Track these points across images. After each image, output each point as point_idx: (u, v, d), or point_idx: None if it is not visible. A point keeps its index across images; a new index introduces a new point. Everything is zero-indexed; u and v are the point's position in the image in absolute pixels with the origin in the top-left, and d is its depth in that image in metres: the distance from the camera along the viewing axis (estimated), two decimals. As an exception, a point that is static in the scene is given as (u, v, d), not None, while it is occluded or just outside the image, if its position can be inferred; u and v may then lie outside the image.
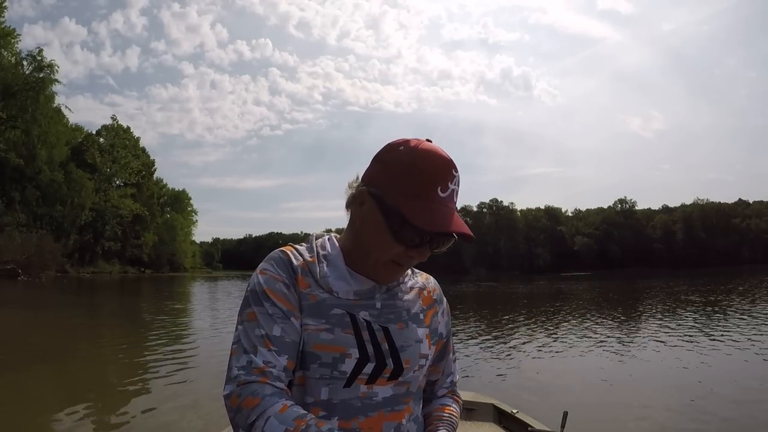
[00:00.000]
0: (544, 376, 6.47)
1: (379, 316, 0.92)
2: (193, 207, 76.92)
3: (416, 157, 0.87)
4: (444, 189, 0.87)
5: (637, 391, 5.64)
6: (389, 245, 0.88)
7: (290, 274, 0.91)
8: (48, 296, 21.54)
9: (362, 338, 0.89)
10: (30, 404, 4.96)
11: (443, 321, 1.05)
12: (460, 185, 0.91)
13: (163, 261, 65.74)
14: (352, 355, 0.88)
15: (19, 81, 38.57)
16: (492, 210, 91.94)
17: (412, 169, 0.86)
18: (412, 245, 0.87)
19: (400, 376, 0.91)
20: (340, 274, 0.93)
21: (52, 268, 34.08)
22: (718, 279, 32.91)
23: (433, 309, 1.02)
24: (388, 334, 0.91)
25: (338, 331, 0.88)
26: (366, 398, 0.89)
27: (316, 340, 0.87)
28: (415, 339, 0.94)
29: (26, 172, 41.09)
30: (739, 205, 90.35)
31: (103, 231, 52.76)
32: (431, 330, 1.00)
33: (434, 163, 0.87)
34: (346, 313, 0.90)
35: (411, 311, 0.97)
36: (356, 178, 0.94)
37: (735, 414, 4.71)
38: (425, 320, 0.99)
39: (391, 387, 0.91)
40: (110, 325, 12.48)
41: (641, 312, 14.93)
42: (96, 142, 53.84)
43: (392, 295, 0.96)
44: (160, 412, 4.77)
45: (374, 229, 0.89)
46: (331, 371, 0.87)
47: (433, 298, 1.03)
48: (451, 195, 0.88)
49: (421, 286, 1.03)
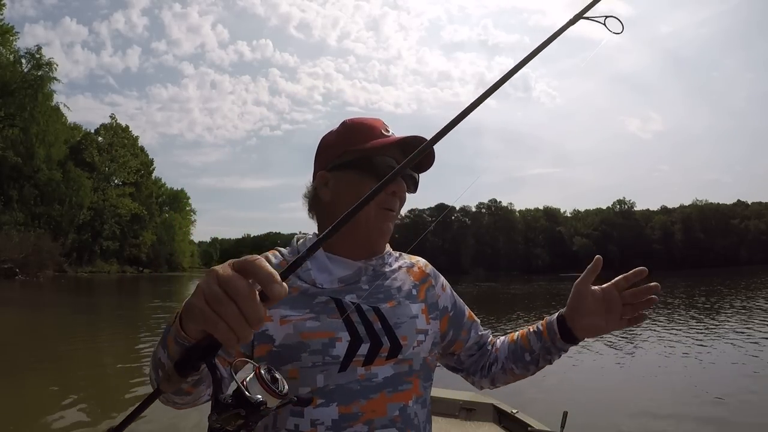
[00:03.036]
0: (544, 376, 6.46)
1: (368, 297, 0.92)
2: (191, 206, 76.91)
3: (345, 124, 0.98)
4: (386, 131, 0.96)
5: (637, 392, 5.64)
6: (370, 191, 0.87)
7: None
8: (46, 296, 21.48)
9: (351, 321, 0.89)
10: (28, 404, 4.94)
11: (444, 294, 1.04)
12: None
13: (162, 260, 65.60)
14: (342, 339, 0.87)
15: (18, 79, 38.43)
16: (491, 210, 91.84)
17: (352, 127, 0.97)
18: (386, 177, 0.85)
19: (399, 353, 0.89)
20: (321, 266, 0.94)
21: (49, 268, 33.99)
22: (717, 280, 32.94)
23: (427, 283, 1.02)
24: (380, 312, 0.91)
25: (324, 318, 0.88)
26: (365, 380, 0.87)
27: (302, 329, 0.87)
28: (409, 315, 0.93)
29: (24, 171, 40.96)
30: (738, 206, 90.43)
31: (102, 230, 52.64)
32: (428, 305, 0.99)
33: (364, 120, 0.97)
34: (331, 299, 0.90)
35: (402, 289, 0.96)
36: (309, 184, 1.02)
37: (735, 414, 4.71)
38: (419, 295, 0.98)
39: (392, 366, 0.89)
40: (108, 325, 12.44)
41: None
42: (94, 141, 53.70)
43: (379, 276, 0.95)
44: (159, 412, 4.75)
45: (349, 189, 0.93)
46: (323, 357, 0.86)
47: (425, 272, 1.03)
48: (392, 135, 0.95)
49: (410, 264, 1.03)
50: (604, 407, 5.01)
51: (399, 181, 0.92)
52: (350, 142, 0.94)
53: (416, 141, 0.90)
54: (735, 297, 18.90)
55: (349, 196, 0.91)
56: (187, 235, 76.33)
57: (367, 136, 0.94)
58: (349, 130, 0.96)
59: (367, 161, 0.92)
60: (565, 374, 6.64)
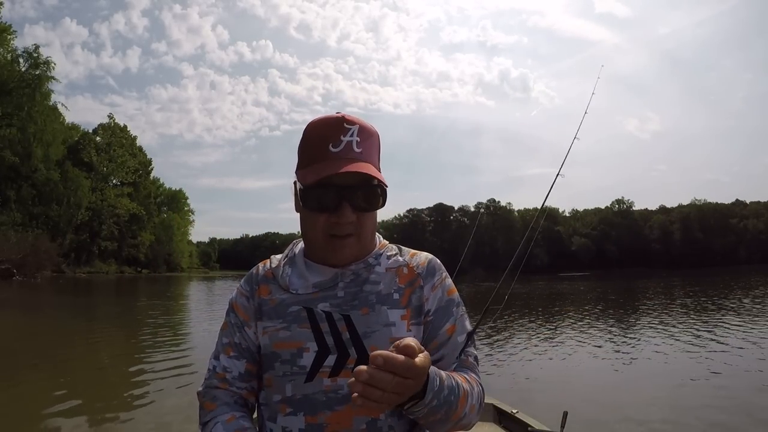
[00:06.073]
0: (544, 376, 6.44)
1: (341, 304, 0.90)
2: (189, 206, 76.79)
3: (305, 130, 0.92)
4: (336, 143, 0.87)
5: (637, 392, 5.63)
6: (311, 219, 0.90)
7: (252, 286, 0.97)
8: (43, 297, 21.42)
9: (320, 330, 0.88)
10: (27, 406, 4.91)
11: (432, 296, 0.94)
12: (366, 135, 0.89)
13: (160, 261, 65.51)
14: (310, 349, 0.87)
15: (15, 78, 38.33)
16: (489, 210, 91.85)
17: (302, 142, 0.92)
18: (324, 208, 0.88)
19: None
20: (299, 271, 0.95)
21: (47, 268, 33.91)
22: (715, 279, 32.99)
23: (415, 285, 0.93)
24: (350, 321, 0.88)
25: (294, 327, 0.89)
26: (330, 392, 0.86)
27: (275, 339, 0.90)
28: (383, 323, 0.88)
29: (22, 171, 40.87)
30: (737, 206, 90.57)
31: (100, 230, 52.55)
32: (413, 309, 0.91)
33: (318, 126, 0.90)
34: (303, 308, 0.90)
35: (382, 293, 0.91)
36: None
37: (735, 414, 4.70)
38: (401, 300, 0.91)
39: None
40: (106, 326, 12.40)
41: (640, 312, 14.93)
42: (92, 141, 53.60)
43: (358, 281, 0.91)
44: (159, 412, 4.73)
45: (302, 212, 0.93)
46: (291, 367, 0.88)
47: (415, 273, 0.94)
48: (348, 146, 0.87)
49: (402, 263, 0.95)
50: (604, 407, 4.99)
51: (342, 209, 0.87)
52: (300, 157, 0.93)
53: (350, 178, 0.86)
54: (735, 296, 18.93)
55: (301, 218, 0.94)
56: (186, 235, 76.25)
57: (313, 150, 0.89)
58: (302, 142, 0.93)
59: (303, 195, 0.89)
60: (565, 374, 6.63)
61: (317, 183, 0.86)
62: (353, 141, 0.87)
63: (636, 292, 24.27)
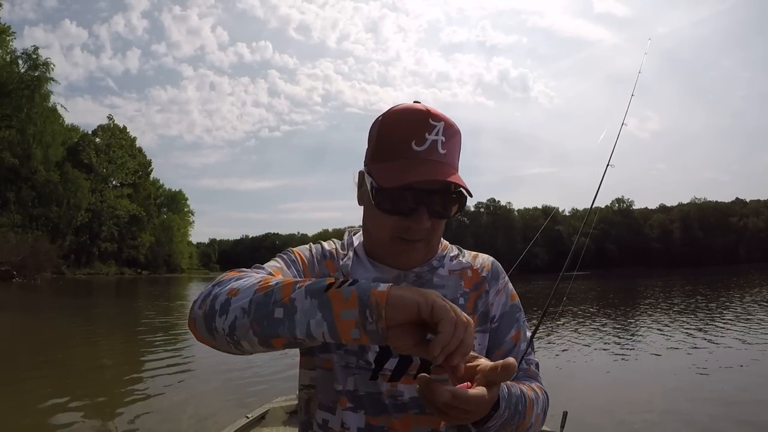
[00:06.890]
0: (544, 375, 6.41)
1: None
2: (189, 207, 76.79)
3: (384, 120, 0.83)
4: (420, 142, 0.79)
5: (637, 391, 5.63)
6: (380, 219, 0.82)
7: (322, 254, 0.92)
8: (43, 298, 21.41)
9: None
10: (27, 408, 4.91)
11: (497, 301, 0.91)
12: (451, 133, 0.82)
13: (160, 262, 65.51)
14: (372, 348, 0.82)
15: (14, 79, 38.35)
16: (489, 210, 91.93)
17: (380, 133, 0.83)
18: (399, 212, 0.79)
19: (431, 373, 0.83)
20: (362, 263, 0.89)
21: (47, 270, 33.90)
22: (716, 278, 32.99)
23: (481, 289, 0.90)
24: None
25: None
26: (391, 396, 0.81)
27: None
28: None
29: (21, 172, 40.87)
30: (736, 204, 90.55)
31: (100, 232, 52.56)
32: (479, 315, 0.88)
33: (402, 119, 0.81)
34: None
35: (446, 298, 0.83)
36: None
37: (735, 414, 4.70)
38: (467, 305, 0.87)
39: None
40: (106, 327, 12.40)
41: (640, 312, 14.94)
42: (92, 142, 53.61)
43: (422, 283, 0.86)
44: (158, 412, 4.73)
45: (368, 207, 0.85)
46: (357, 360, 0.82)
47: (481, 276, 0.91)
48: (433, 146, 0.79)
49: (466, 265, 0.92)
50: (604, 407, 4.99)
51: (419, 214, 0.80)
52: (376, 149, 0.83)
53: (435, 186, 0.79)
54: (735, 295, 18.93)
55: (367, 215, 0.86)
56: (186, 236, 76.27)
57: (395, 145, 0.80)
58: (380, 133, 0.83)
59: (377, 194, 0.80)
60: (565, 374, 6.63)
61: (398, 187, 0.77)
62: (438, 141, 0.80)
63: (636, 292, 24.27)
